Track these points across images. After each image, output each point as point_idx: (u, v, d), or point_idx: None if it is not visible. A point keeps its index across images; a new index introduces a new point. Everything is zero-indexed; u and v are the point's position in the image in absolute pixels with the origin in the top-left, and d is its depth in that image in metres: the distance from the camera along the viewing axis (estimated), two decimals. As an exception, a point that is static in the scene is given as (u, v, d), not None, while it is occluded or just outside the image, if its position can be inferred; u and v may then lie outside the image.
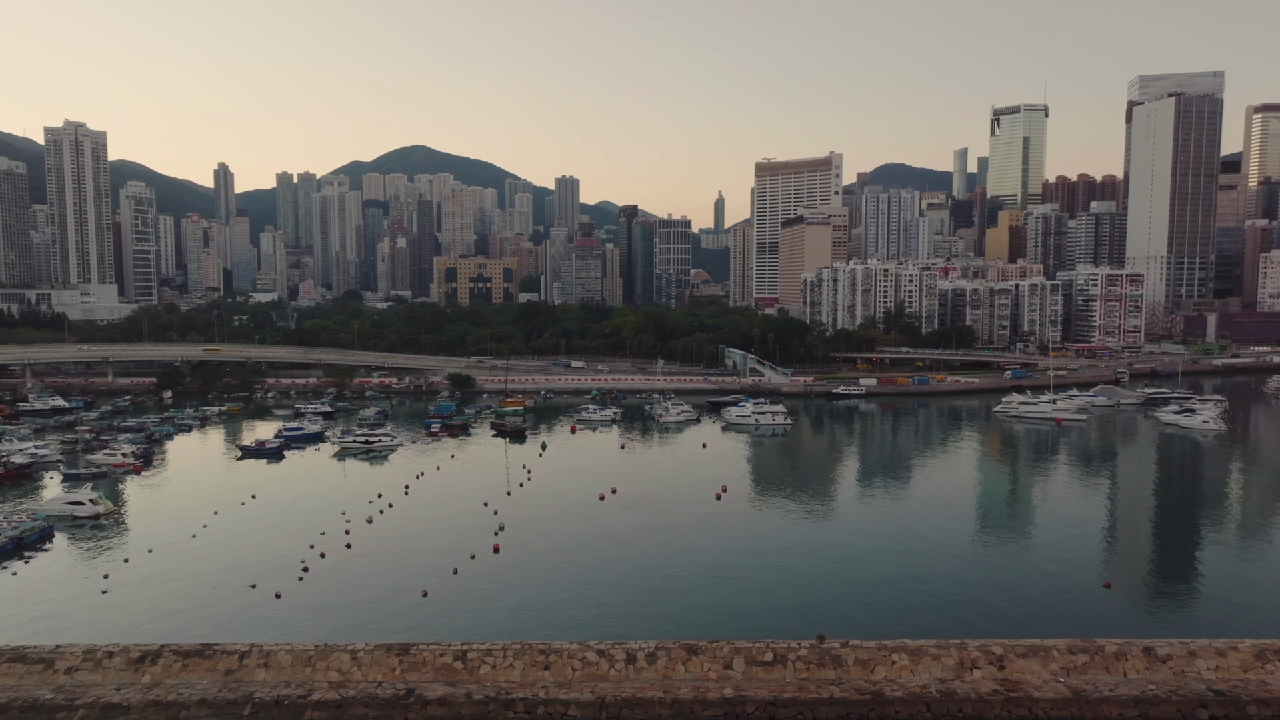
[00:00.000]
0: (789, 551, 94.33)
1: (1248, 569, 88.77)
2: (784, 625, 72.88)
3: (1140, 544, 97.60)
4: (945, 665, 61.65)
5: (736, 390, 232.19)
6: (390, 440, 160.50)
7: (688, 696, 58.51)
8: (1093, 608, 79.56)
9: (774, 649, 62.13)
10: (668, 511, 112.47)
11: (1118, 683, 59.96)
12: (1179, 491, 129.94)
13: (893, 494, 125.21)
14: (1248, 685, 59.63)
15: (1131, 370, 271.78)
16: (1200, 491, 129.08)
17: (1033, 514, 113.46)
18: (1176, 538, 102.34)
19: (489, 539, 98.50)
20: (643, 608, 78.45)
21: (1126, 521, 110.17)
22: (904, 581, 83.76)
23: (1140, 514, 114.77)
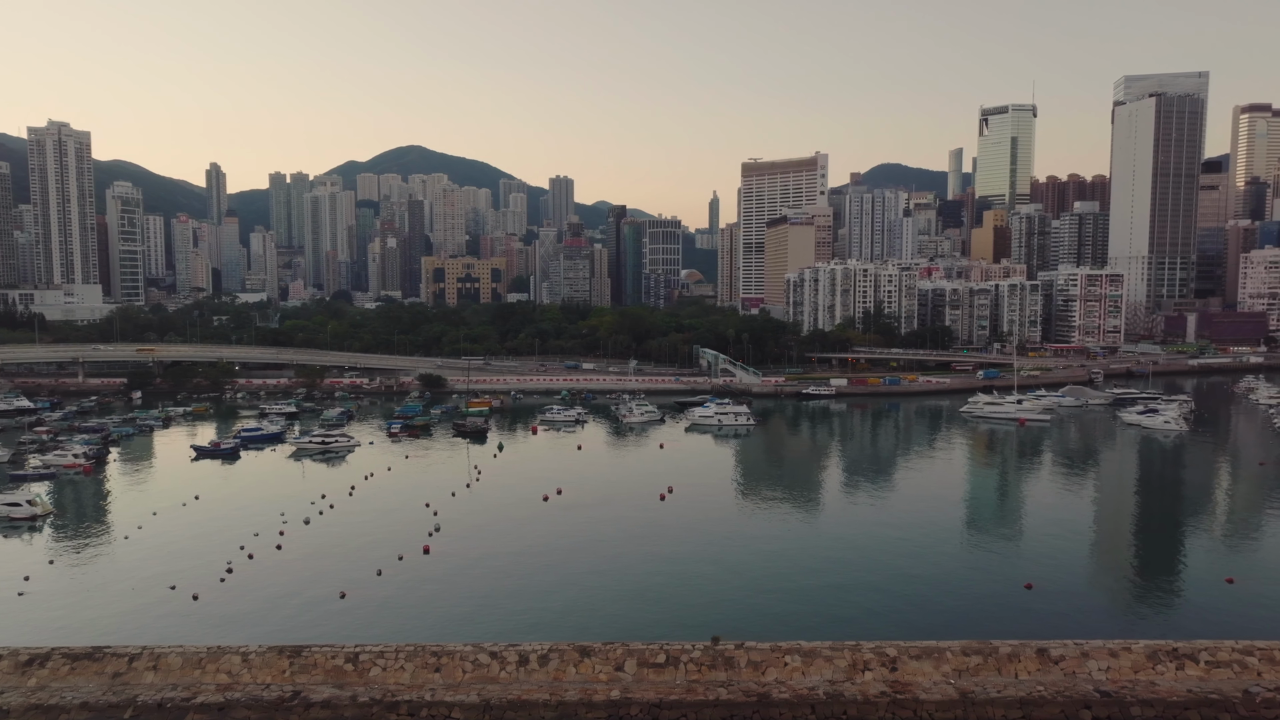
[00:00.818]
0: (717, 553, 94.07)
1: (1171, 569, 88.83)
2: (697, 627, 72.77)
3: (1067, 544, 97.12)
4: (837, 667, 61.50)
5: (707, 391, 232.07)
6: (347, 441, 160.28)
7: (574, 698, 58.38)
8: (1012, 609, 79.60)
9: (667, 650, 61.98)
10: (608, 513, 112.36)
11: (1007, 684, 59.83)
12: (1119, 491, 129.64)
13: (835, 496, 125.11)
14: (1135, 686, 59.54)
15: (1106, 371, 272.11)
16: (1141, 491, 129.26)
17: (967, 515, 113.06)
18: (1105, 538, 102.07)
19: (421, 540, 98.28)
20: (557, 609, 78.30)
21: (1058, 521, 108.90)
22: (825, 584, 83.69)
23: (1074, 514, 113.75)
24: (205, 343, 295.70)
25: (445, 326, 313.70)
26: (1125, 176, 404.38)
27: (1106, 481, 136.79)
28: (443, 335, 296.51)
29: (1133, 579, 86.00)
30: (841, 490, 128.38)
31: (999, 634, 68.13)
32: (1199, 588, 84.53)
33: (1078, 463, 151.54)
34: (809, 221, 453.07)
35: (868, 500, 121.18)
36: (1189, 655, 62.15)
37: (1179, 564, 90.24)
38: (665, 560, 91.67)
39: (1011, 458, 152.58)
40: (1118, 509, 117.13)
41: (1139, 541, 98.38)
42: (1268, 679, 60.43)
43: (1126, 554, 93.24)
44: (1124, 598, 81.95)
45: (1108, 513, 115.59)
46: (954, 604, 79.25)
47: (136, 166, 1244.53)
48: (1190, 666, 61.50)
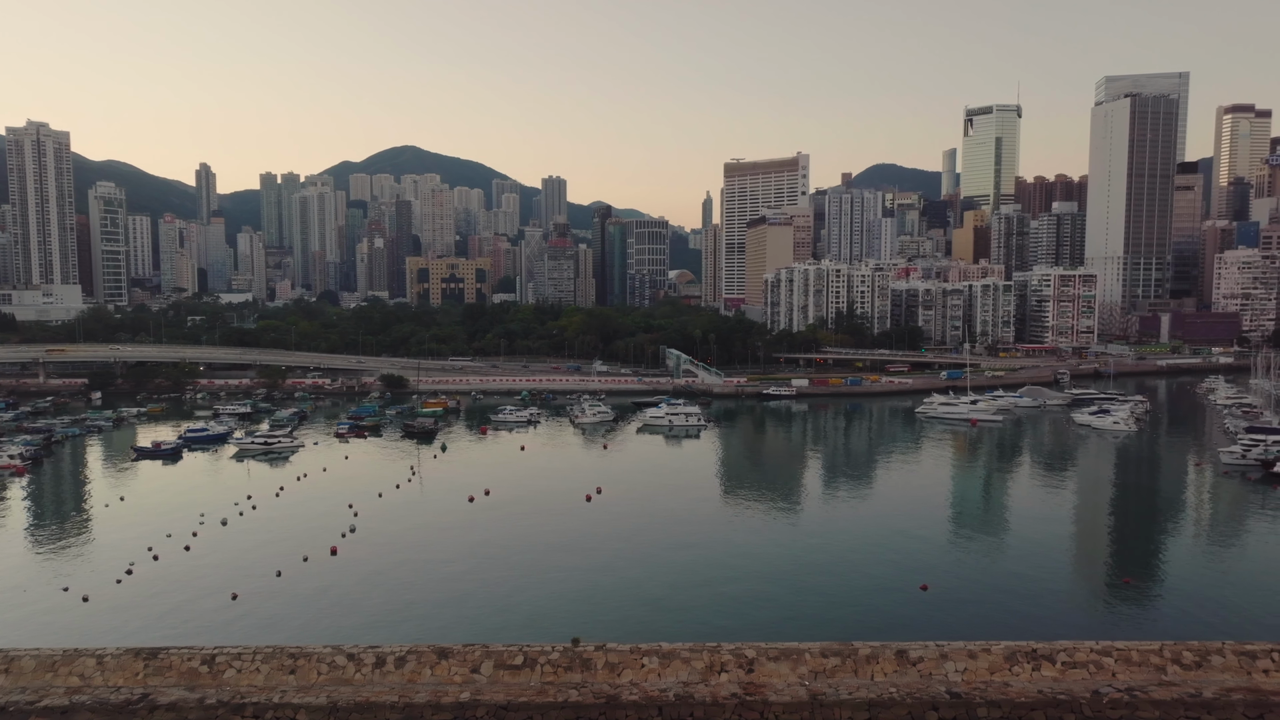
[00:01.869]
0: (626, 553, 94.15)
1: (1073, 570, 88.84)
2: (582, 628, 72.62)
3: (971, 545, 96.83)
4: (694, 669, 61.43)
5: (669, 391, 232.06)
6: (291, 442, 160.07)
7: (422, 700, 58.27)
8: (904, 610, 79.60)
9: (525, 652, 61.90)
10: (530, 514, 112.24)
11: (860, 686, 59.76)
12: (1043, 492, 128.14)
13: (761, 499, 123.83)
14: (988, 687, 59.47)
15: (1074, 371, 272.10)
16: (1064, 492, 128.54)
17: (883, 518, 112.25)
18: (1012, 539, 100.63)
19: (333, 541, 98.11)
20: (448, 610, 78.26)
21: (969, 523, 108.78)
22: (723, 586, 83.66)
23: (988, 515, 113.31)
24: (176, 343, 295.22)
25: (414, 327, 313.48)
26: (1101, 177, 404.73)
27: (1033, 483, 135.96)
28: (411, 336, 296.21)
29: (1031, 580, 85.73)
30: (769, 493, 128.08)
31: (889, 635, 68.41)
32: (1097, 588, 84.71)
33: (1014, 464, 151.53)
34: (787, 222, 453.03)
35: (790, 503, 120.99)
36: (1047, 656, 62.12)
37: (1081, 565, 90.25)
38: (567, 562, 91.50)
39: (950, 459, 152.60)
40: (1034, 510, 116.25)
41: (1045, 543, 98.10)
42: (1121, 679, 60.47)
43: (1030, 555, 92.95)
44: (1019, 599, 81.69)
45: (1022, 514, 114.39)
46: (853, 603, 79.31)
47: (130, 166, 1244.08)
48: (1046, 668, 61.47)
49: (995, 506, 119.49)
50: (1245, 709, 57.85)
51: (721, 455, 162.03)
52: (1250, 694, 58.88)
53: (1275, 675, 60.83)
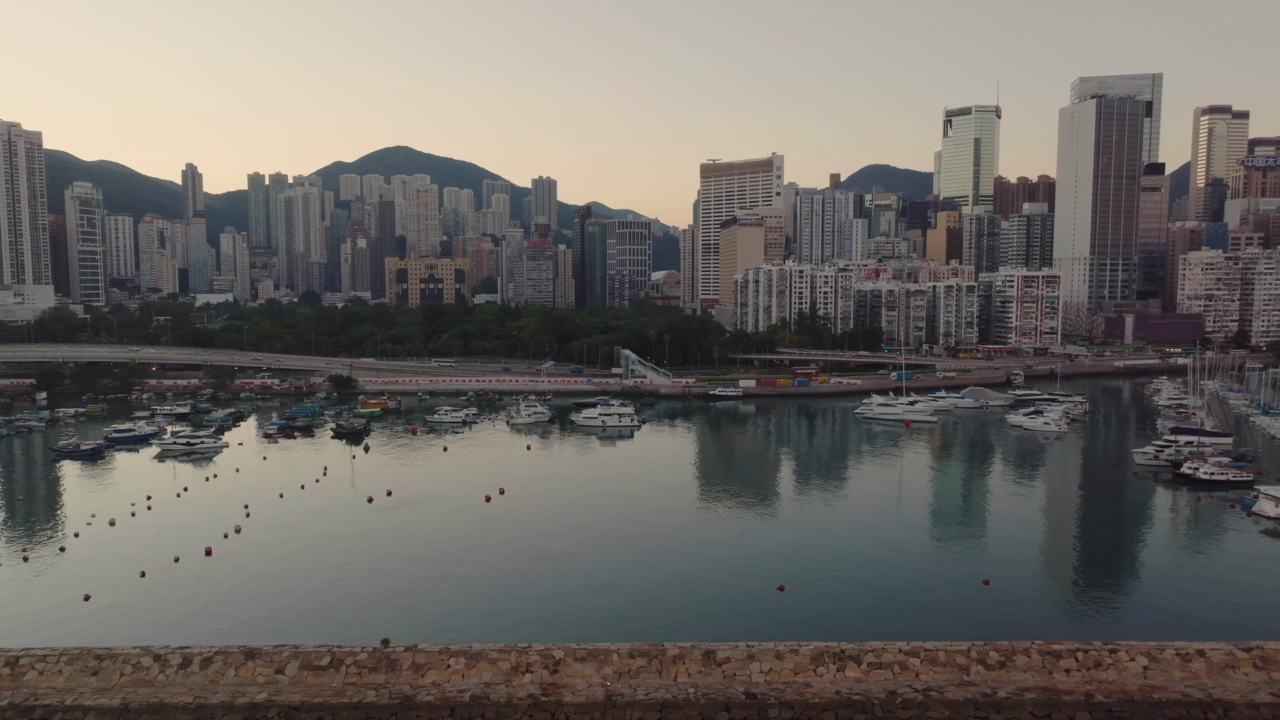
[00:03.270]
0: (505, 554, 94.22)
1: (935, 570, 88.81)
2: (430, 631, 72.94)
3: (841, 546, 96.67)
4: (500, 669, 61.44)
5: (616, 392, 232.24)
6: (215, 442, 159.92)
7: (217, 701, 58.21)
8: (758, 611, 79.76)
9: (333, 653, 61.84)
10: (428, 514, 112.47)
11: (661, 686, 59.80)
12: (936, 492, 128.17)
13: (658, 499, 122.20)
14: (787, 688, 59.58)
15: (1029, 372, 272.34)
16: (956, 492, 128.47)
17: (758, 519, 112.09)
18: (885, 539, 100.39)
19: (213, 542, 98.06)
20: (298, 611, 78.29)
21: (838, 524, 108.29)
22: (581, 589, 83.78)
23: (871, 516, 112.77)
24: (137, 344, 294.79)
25: (373, 327, 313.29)
26: (1069, 178, 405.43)
27: (932, 484, 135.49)
28: (369, 336, 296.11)
29: (892, 580, 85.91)
30: (668, 494, 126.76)
31: (744, 636, 68.55)
32: (955, 588, 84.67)
33: (926, 465, 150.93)
34: (758, 223, 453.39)
35: (680, 504, 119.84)
36: (853, 657, 62.22)
37: (943, 566, 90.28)
38: (439, 562, 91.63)
39: (864, 460, 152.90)
40: (915, 512, 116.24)
41: (913, 544, 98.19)
42: (923, 679, 60.57)
43: (892, 557, 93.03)
44: (877, 600, 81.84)
45: (904, 515, 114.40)
46: (708, 605, 79.42)
47: (120, 166, 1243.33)
48: (851, 668, 61.57)
49: (878, 508, 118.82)
50: (1035, 708, 58.01)
51: (642, 456, 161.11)
52: (1043, 693, 59.06)
53: (1075, 675, 61.02)
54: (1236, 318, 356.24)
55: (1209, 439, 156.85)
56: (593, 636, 68.64)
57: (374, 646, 62.68)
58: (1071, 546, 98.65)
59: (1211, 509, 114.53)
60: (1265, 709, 57.77)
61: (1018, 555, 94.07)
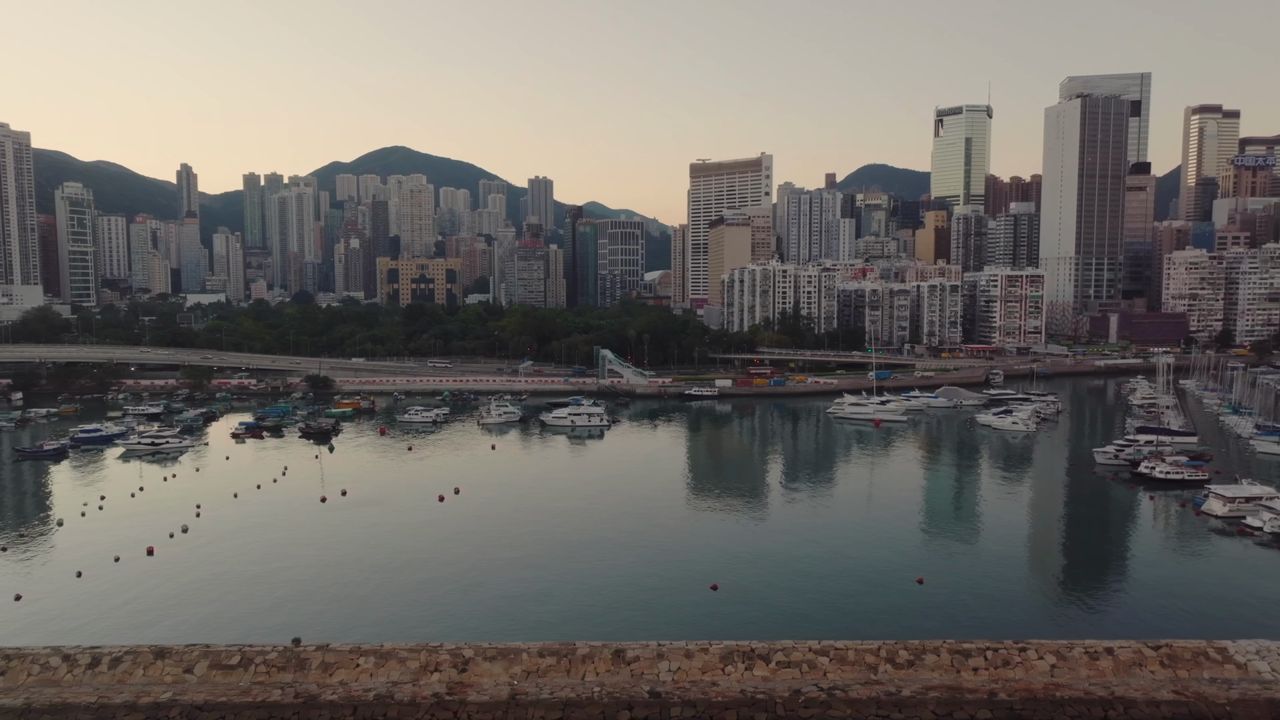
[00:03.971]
0: (446, 554, 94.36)
1: (871, 570, 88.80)
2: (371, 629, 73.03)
3: (769, 546, 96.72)
4: (409, 668, 61.45)
5: (593, 391, 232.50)
6: (180, 442, 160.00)
7: (119, 701, 58.24)
8: (692, 610, 79.86)
9: (244, 652, 61.82)
10: (378, 514, 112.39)
11: (567, 685, 59.83)
12: (886, 493, 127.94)
13: (607, 499, 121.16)
14: (694, 687, 59.55)
15: (1009, 372, 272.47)
16: (906, 492, 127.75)
17: (701, 519, 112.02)
18: (824, 540, 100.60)
19: (156, 542, 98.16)
20: (233, 611, 78.43)
21: (780, 522, 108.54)
22: (511, 590, 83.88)
23: (811, 515, 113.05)
24: (119, 344, 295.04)
25: (355, 327, 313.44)
26: (1054, 178, 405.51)
27: (887, 483, 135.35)
28: (349, 336, 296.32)
29: (826, 581, 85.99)
30: (620, 495, 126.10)
31: (675, 635, 68.63)
32: (889, 589, 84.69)
33: (888, 464, 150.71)
34: (745, 223, 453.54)
35: (634, 505, 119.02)
36: (763, 656, 62.21)
37: (879, 565, 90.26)
38: (376, 562, 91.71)
39: (824, 459, 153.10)
40: (861, 511, 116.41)
41: (854, 543, 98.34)
42: (831, 678, 60.58)
43: (830, 557, 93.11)
44: (809, 600, 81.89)
45: (850, 514, 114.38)
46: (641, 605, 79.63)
47: (118, 167, 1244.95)
48: (760, 667, 61.59)
49: (824, 507, 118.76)
50: (937, 706, 58.01)
51: (605, 456, 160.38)
52: (948, 691, 59.04)
53: (983, 673, 61.01)
54: (1221, 317, 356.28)
55: (1173, 438, 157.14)
56: (520, 637, 68.84)
57: (285, 646, 62.70)
58: (1012, 546, 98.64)
59: (1162, 508, 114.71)
60: (1165, 706, 57.83)
61: (956, 554, 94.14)
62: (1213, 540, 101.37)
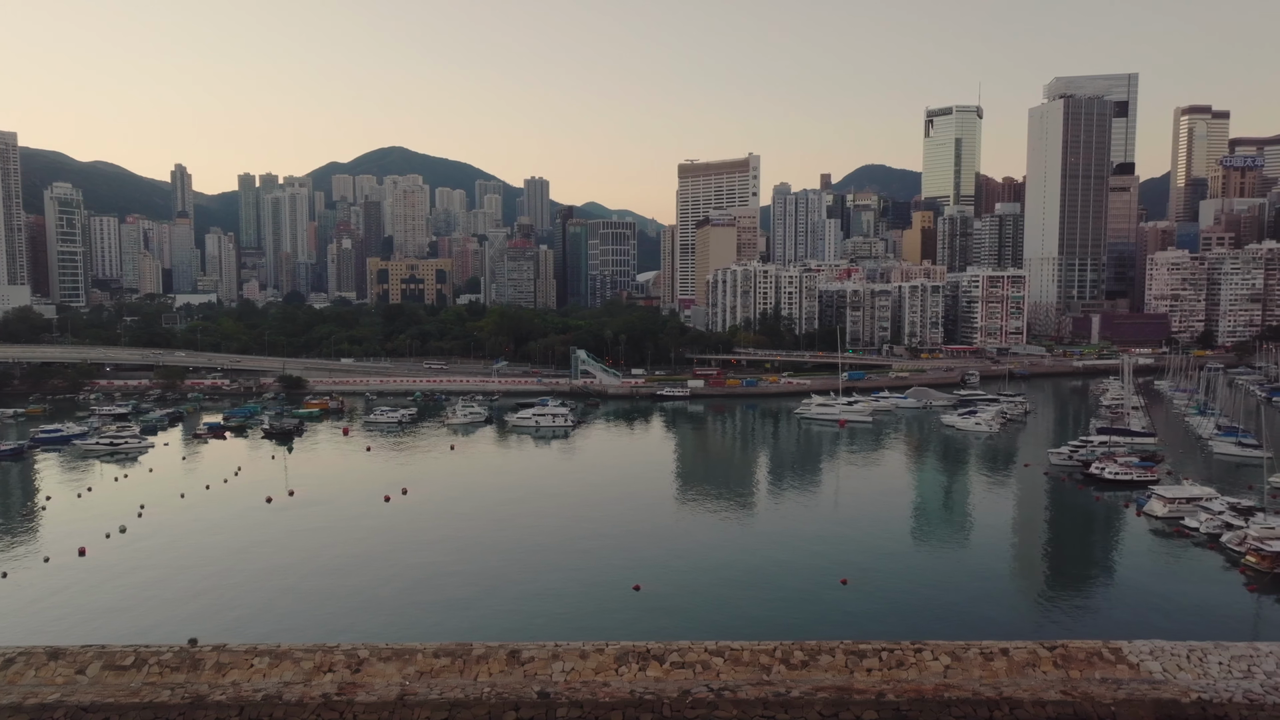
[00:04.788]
0: (377, 554, 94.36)
1: (795, 571, 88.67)
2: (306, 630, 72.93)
3: (690, 547, 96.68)
4: (303, 668, 61.39)
5: (565, 391, 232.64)
6: (139, 443, 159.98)
7: (5, 702, 58.22)
8: (613, 609, 79.86)
9: (138, 653, 61.78)
10: (321, 515, 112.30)
11: (458, 685, 59.77)
12: (831, 493, 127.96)
13: (553, 500, 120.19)
14: (584, 688, 59.47)
15: (985, 372, 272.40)
16: (855, 493, 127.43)
17: (638, 520, 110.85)
18: (746, 540, 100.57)
19: (93, 542, 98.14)
20: (148, 611, 78.46)
21: (716, 523, 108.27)
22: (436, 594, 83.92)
23: (751, 516, 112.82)
24: (98, 345, 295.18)
25: (334, 328, 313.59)
26: (1038, 178, 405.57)
27: (827, 482, 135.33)
28: (327, 337, 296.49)
29: (750, 581, 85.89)
30: (567, 495, 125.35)
31: (595, 635, 68.61)
32: (812, 589, 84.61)
33: (836, 465, 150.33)
34: (731, 223, 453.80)
35: (579, 505, 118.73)
36: (658, 656, 62.23)
37: (802, 566, 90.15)
38: (306, 563, 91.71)
39: (776, 460, 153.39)
40: (800, 512, 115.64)
41: (789, 543, 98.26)
42: (724, 679, 60.61)
43: (754, 557, 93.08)
44: (730, 600, 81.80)
45: (788, 515, 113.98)
46: (559, 604, 79.59)
47: (116, 167, 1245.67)
48: (654, 667, 61.61)
49: (761, 508, 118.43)
50: (824, 707, 58.07)
51: (563, 457, 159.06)
52: (837, 693, 59.10)
53: (876, 674, 61.02)
54: (1203, 318, 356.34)
55: (1132, 439, 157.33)
56: (431, 638, 68.90)
57: (180, 646, 62.67)
58: (944, 546, 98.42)
59: (1106, 509, 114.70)
60: (1051, 706, 57.85)
61: (886, 555, 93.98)
62: (1149, 541, 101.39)
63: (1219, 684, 59.01)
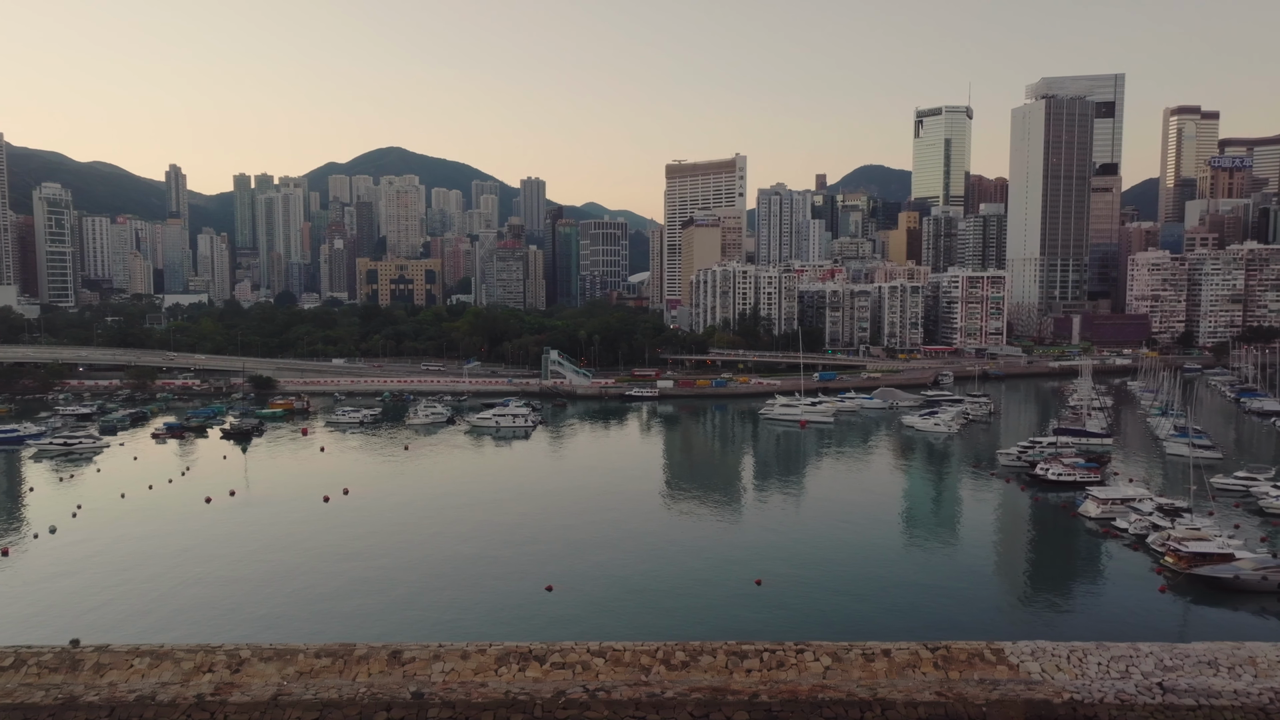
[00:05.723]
0: (301, 555, 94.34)
1: (711, 572, 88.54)
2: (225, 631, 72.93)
3: (603, 549, 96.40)
4: (182, 669, 61.23)
5: (535, 392, 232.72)
6: (94, 443, 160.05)
7: (-123, 702, 58.34)
8: (524, 609, 79.77)
9: (19, 654, 61.70)
10: (257, 515, 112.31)
11: (334, 686, 59.74)
12: (764, 494, 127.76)
13: (491, 501, 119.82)
14: (461, 688, 59.40)
15: (960, 373, 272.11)
16: (789, 494, 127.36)
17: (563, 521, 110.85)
18: (669, 540, 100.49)
19: (21, 542, 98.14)
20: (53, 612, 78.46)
21: (632, 525, 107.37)
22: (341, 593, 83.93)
23: (663, 518, 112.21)
24: (76, 345, 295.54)
25: (311, 328, 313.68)
26: (1020, 178, 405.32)
27: (767, 483, 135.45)
28: (304, 337, 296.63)
29: (665, 581, 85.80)
30: (508, 496, 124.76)
31: (497, 635, 68.72)
32: (727, 589, 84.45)
33: (783, 465, 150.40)
34: (715, 223, 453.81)
35: (514, 507, 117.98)
36: (539, 656, 62.17)
37: (720, 567, 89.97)
38: (227, 563, 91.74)
39: (724, 460, 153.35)
40: (733, 510, 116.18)
41: (710, 543, 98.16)
42: (603, 679, 60.53)
43: (682, 556, 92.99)
44: (641, 600, 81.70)
45: (716, 514, 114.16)
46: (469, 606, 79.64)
47: (114, 167, 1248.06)
48: (534, 668, 61.51)
49: (699, 507, 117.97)
50: (695, 708, 57.99)
51: (518, 457, 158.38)
52: (712, 693, 59.05)
53: (755, 675, 60.94)
54: (1183, 318, 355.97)
55: (1089, 440, 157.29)
56: (322, 637, 69.10)
57: (61, 647, 62.60)
58: (868, 547, 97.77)
59: (1043, 510, 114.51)
60: (923, 708, 57.71)
61: (809, 555, 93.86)
62: (1078, 542, 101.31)
63: (1094, 684, 58.99)
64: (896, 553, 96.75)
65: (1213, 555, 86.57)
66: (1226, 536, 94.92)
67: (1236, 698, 57.54)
